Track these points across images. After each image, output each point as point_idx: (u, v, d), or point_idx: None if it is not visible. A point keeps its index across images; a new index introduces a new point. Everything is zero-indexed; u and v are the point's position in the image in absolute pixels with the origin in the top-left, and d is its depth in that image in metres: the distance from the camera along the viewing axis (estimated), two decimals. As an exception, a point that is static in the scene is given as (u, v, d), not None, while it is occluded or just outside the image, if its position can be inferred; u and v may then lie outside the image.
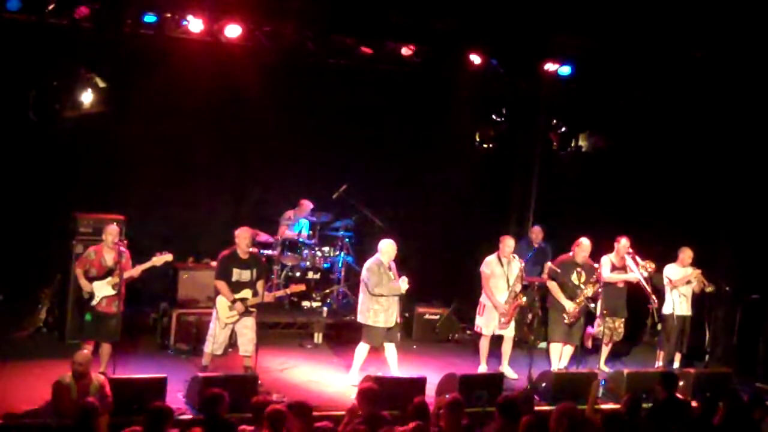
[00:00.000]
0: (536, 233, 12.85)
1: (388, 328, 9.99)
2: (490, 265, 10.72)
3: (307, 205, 12.97)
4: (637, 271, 10.83)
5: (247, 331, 9.60)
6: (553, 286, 10.77)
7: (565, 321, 10.61)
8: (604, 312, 10.67)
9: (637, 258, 10.94)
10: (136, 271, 9.39)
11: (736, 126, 12.39)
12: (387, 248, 10.05)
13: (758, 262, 12.21)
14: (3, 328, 10.83)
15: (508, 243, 10.74)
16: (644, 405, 8.20)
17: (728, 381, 10.47)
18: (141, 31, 10.98)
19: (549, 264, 11.21)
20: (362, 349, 10.05)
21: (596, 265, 10.82)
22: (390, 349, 10.11)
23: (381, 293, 9.89)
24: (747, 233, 12.31)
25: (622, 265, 10.96)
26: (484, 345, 10.85)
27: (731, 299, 12.08)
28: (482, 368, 10.76)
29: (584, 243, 10.74)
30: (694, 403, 9.05)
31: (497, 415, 7.16)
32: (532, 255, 12.43)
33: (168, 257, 9.51)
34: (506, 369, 10.81)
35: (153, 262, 9.46)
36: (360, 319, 10.08)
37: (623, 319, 11.06)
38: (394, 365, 10.11)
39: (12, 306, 11.30)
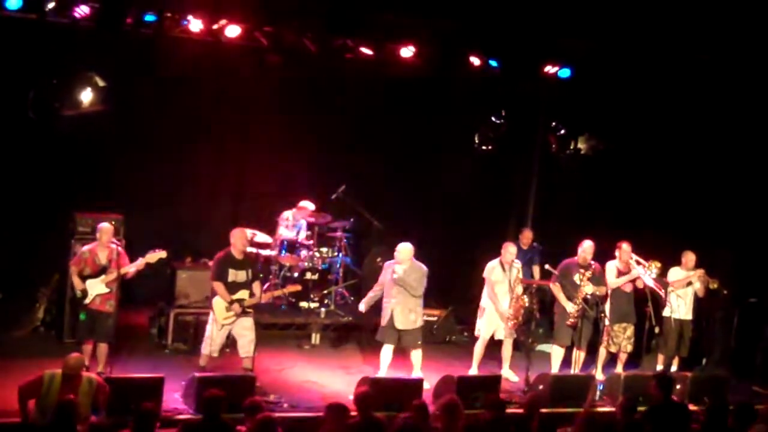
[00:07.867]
0: (526, 237, 12.73)
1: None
2: (493, 271, 10.72)
3: (307, 206, 12.94)
4: (646, 275, 10.80)
5: (247, 332, 9.58)
6: (555, 288, 10.75)
7: (567, 322, 10.60)
8: (602, 316, 10.67)
9: (641, 261, 10.93)
10: (130, 268, 9.38)
11: (736, 130, 12.40)
12: None
13: (756, 265, 12.21)
14: (1, 327, 10.83)
15: (510, 250, 10.75)
16: (641, 408, 8.20)
17: (725, 385, 10.48)
18: (141, 31, 10.98)
19: (547, 266, 11.20)
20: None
21: (594, 264, 10.78)
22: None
23: None
24: (745, 237, 12.31)
25: (627, 270, 10.92)
26: (478, 348, 10.84)
27: (729, 303, 12.07)
28: (473, 371, 10.73)
29: (585, 244, 10.71)
30: (691, 407, 9.05)
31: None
32: (530, 257, 12.40)
33: (162, 254, 9.49)
34: (507, 372, 10.81)
35: (147, 260, 9.44)
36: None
37: (633, 326, 11.01)
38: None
39: (10, 305, 11.28)
